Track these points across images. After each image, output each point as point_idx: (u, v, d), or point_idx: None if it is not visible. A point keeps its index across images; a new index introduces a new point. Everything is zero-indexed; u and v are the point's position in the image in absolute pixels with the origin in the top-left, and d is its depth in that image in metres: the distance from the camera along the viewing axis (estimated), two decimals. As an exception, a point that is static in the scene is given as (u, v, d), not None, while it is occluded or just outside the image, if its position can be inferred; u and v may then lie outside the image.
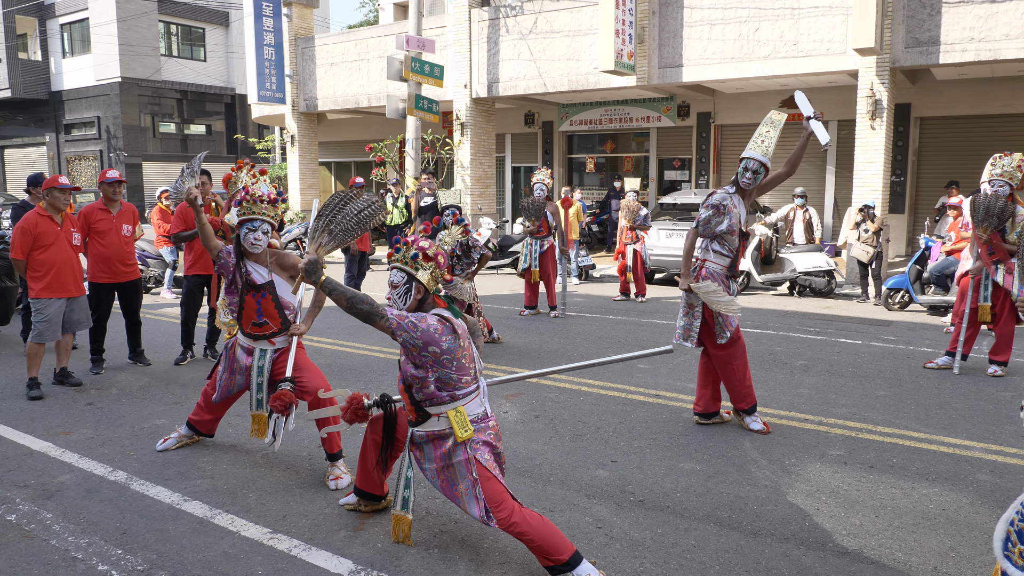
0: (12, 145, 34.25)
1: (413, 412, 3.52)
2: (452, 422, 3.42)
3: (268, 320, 4.63)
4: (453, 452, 3.44)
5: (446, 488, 3.48)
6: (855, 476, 4.57)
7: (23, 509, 4.18)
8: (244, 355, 4.74)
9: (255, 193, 4.54)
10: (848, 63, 12.74)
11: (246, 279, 4.61)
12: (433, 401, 3.43)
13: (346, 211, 3.74)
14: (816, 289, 11.81)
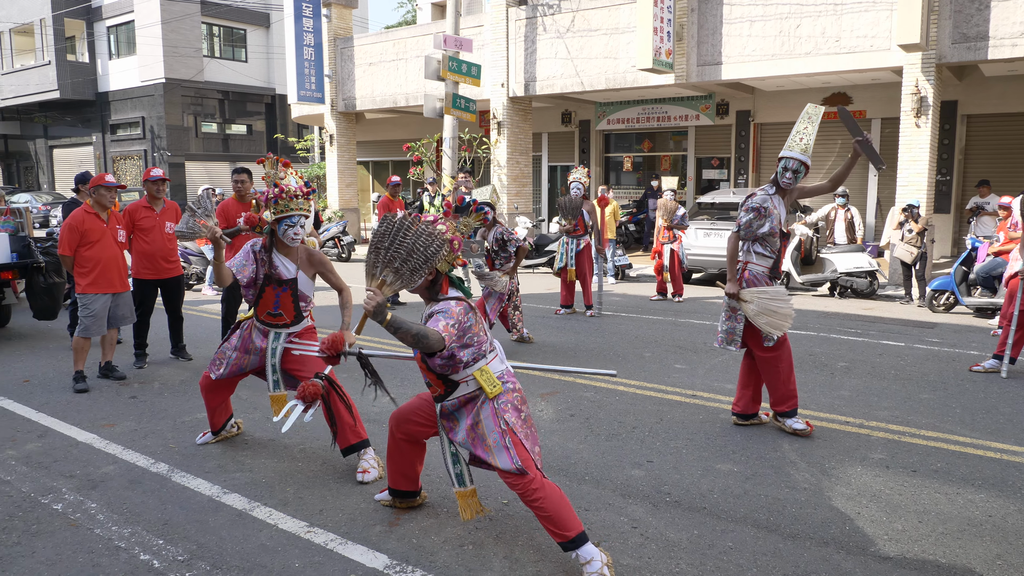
0: (60, 145, 35.10)
1: (440, 386, 3.57)
2: (480, 381, 3.50)
3: (283, 312, 4.72)
4: (482, 408, 3.52)
5: (477, 446, 3.50)
6: (897, 480, 4.47)
7: (69, 498, 4.28)
8: (260, 337, 4.81)
9: (288, 190, 4.60)
10: (892, 59, 12.48)
11: (270, 272, 4.68)
12: (455, 369, 3.50)
13: (407, 245, 3.32)
14: (858, 290, 11.60)
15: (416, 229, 3.34)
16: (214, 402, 5.01)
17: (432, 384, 3.61)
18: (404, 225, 3.34)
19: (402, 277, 3.33)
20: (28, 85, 32.56)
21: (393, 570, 3.48)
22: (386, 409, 5.85)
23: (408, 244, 3.32)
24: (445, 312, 3.40)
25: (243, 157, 31.96)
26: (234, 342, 4.84)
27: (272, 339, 4.79)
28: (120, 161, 32.38)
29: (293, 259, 4.74)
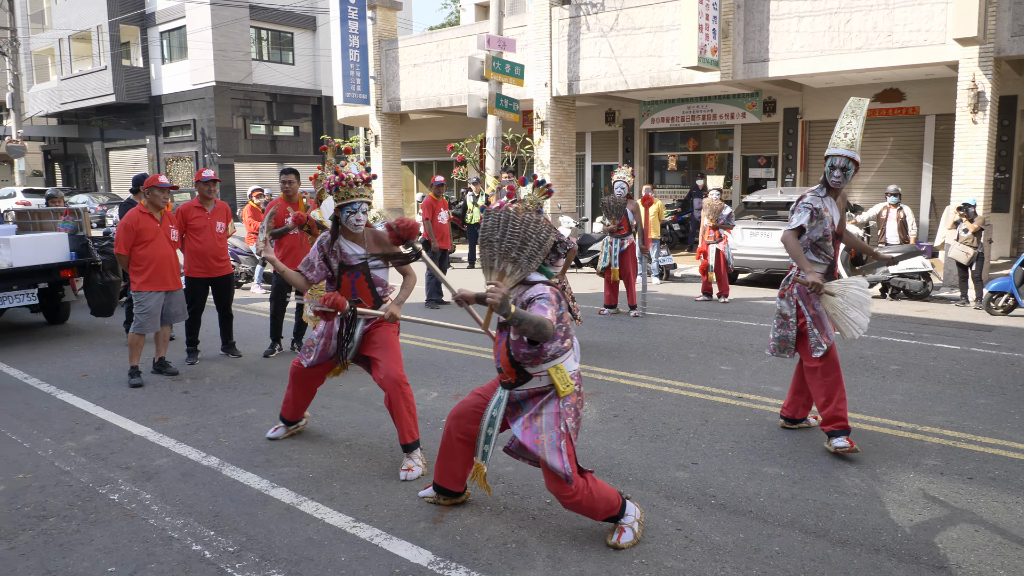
0: (116, 147, 36.10)
1: (513, 374, 3.64)
2: (554, 379, 3.56)
3: (361, 299, 4.78)
4: (547, 404, 3.59)
5: (527, 434, 3.54)
6: (953, 487, 4.36)
7: (125, 489, 4.40)
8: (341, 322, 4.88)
9: (348, 177, 4.67)
10: (948, 54, 12.16)
11: (342, 261, 4.76)
12: (535, 361, 3.55)
13: (519, 234, 3.40)
14: (911, 291, 11.33)
15: (522, 218, 3.43)
16: (299, 394, 5.09)
17: (504, 371, 3.67)
18: (509, 216, 3.42)
19: (520, 266, 3.42)
20: (86, 89, 33.55)
21: (437, 566, 3.51)
22: (431, 408, 5.91)
23: (520, 233, 3.40)
24: (545, 298, 3.45)
25: (290, 158, 32.50)
26: (320, 329, 4.94)
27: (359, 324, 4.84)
28: (172, 162, 33.17)
29: (360, 244, 4.82)
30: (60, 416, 5.81)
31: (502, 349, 3.64)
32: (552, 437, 3.51)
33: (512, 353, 3.58)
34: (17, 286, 8.20)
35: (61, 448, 5.10)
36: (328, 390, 6.43)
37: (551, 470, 3.48)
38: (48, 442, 5.22)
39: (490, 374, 6.91)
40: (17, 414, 5.88)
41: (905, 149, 16.29)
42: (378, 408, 5.87)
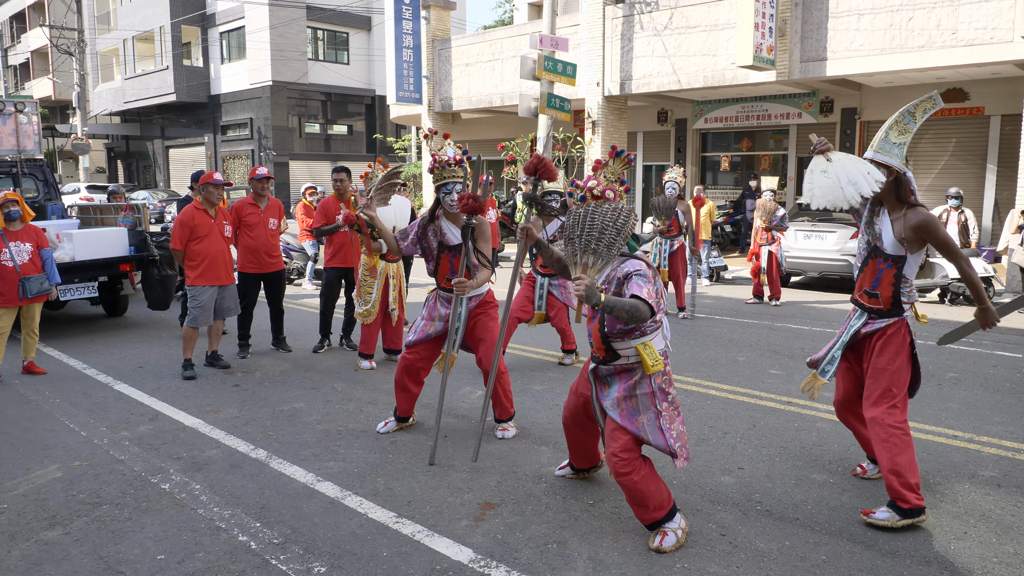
0: (176, 145, 37.09)
1: (602, 351, 3.73)
2: (642, 355, 3.62)
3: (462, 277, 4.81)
4: (638, 384, 3.67)
5: (625, 418, 3.65)
6: (1010, 500, 4.21)
7: (175, 479, 4.51)
8: (443, 305, 5.02)
9: (442, 159, 4.80)
10: (1016, 52, 11.73)
11: (441, 240, 4.89)
12: (624, 337, 3.64)
13: (596, 226, 3.52)
14: (970, 297, 10.96)
15: (601, 211, 3.55)
16: (407, 382, 5.15)
17: (595, 346, 3.78)
18: (588, 212, 3.57)
19: (601, 256, 3.52)
20: (148, 89, 34.55)
21: (477, 564, 3.52)
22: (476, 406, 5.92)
23: (597, 225, 3.52)
24: (642, 275, 3.53)
25: (344, 157, 32.95)
26: (423, 312, 5.11)
27: (455, 304, 4.88)
28: (229, 160, 33.93)
29: (458, 224, 4.92)
30: (116, 406, 5.99)
31: (594, 326, 3.74)
32: (650, 418, 3.63)
33: (607, 329, 3.66)
34: (78, 279, 8.48)
35: (116, 437, 5.25)
36: (375, 386, 6.51)
37: (657, 447, 3.62)
38: (104, 431, 5.39)
39: (537, 372, 6.91)
40: (76, 403, 6.08)
41: (968, 151, 15.77)
42: (423, 405, 5.92)
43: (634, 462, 3.62)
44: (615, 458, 3.62)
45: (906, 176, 3.93)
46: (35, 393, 6.38)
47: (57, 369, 7.21)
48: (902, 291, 4.01)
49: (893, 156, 3.91)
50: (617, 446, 3.64)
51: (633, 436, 3.64)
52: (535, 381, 6.67)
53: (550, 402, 6.03)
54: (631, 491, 3.63)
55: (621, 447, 3.62)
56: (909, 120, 3.97)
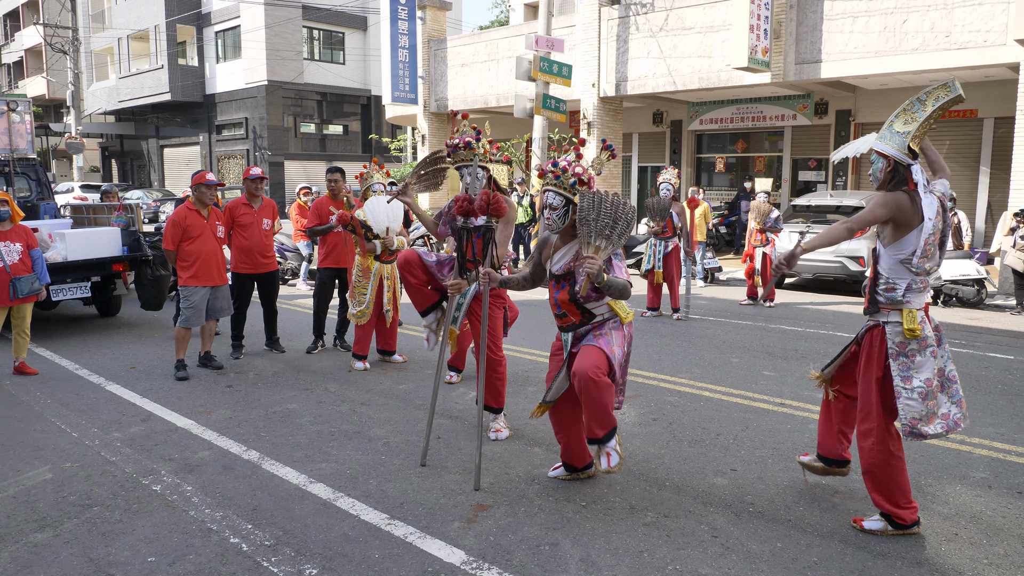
0: (170, 144, 36.99)
1: (578, 316, 4.06)
2: (615, 308, 4.02)
3: (479, 260, 4.89)
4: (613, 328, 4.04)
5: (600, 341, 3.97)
6: (1001, 501, 4.22)
7: (167, 480, 4.50)
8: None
9: (456, 144, 4.85)
10: (1008, 55, 11.78)
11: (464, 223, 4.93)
12: (600, 298, 4.00)
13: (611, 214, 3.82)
14: (964, 299, 11.00)
15: (612, 199, 3.85)
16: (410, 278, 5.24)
17: (568, 314, 4.07)
18: (602, 199, 3.84)
19: (613, 243, 3.85)
20: (143, 88, 34.45)
21: (469, 566, 3.51)
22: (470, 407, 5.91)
23: (612, 213, 3.82)
24: (619, 255, 3.95)
25: (339, 157, 32.91)
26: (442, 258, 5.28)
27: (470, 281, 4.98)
28: (224, 160, 33.86)
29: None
30: (108, 407, 5.97)
31: (563, 295, 4.04)
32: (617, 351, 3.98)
33: (581, 298, 3.97)
34: (71, 279, 8.45)
35: (108, 438, 5.23)
36: (369, 387, 6.50)
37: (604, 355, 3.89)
38: (95, 432, 5.37)
39: (531, 373, 6.91)
40: (67, 404, 6.06)
41: (962, 153, 15.82)
42: (417, 406, 5.91)
43: (606, 374, 3.87)
44: (590, 368, 3.81)
45: (906, 166, 3.68)
46: (26, 394, 6.36)
47: (49, 370, 7.18)
48: (877, 289, 3.76)
49: (892, 145, 3.70)
50: (591, 358, 3.86)
51: (606, 356, 3.90)
52: (528, 382, 6.67)
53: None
54: (596, 401, 3.84)
55: (595, 359, 3.86)
56: (918, 108, 3.69)
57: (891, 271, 3.70)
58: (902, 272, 3.69)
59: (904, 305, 3.70)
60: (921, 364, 3.66)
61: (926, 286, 3.74)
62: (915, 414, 3.65)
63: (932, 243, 3.60)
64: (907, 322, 3.67)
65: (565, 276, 4.06)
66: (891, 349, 3.70)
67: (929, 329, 3.71)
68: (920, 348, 3.66)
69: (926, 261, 3.62)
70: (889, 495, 3.75)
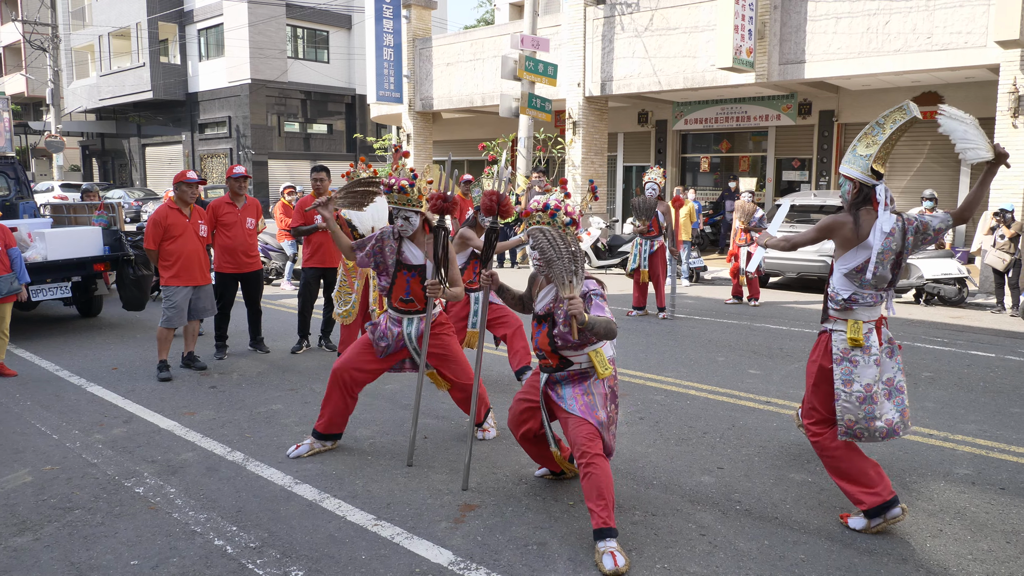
0: (152, 143, 36.68)
1: (555, 360, 3.90)
2: (593, 361, 3.82)
3: (414, 299, 4.76)
4: (593, 385, 3.85)
5: (586, 412, 3.79)
6: (985, 498, 4.25)
7: (150, 483, 4.44)
8: (394, 325, 4.83)
9: (391, 184, 4.69)
10: (989, 57, 11.89)
11: (399, 258, 4.77)
12: (577, 348, 3.82)
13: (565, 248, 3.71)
14: (945, 297, 11.10)
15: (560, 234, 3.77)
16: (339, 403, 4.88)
17: (546, 356, 3.93)
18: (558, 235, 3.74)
19: (580, 277, 3.73)
20: (124, 86, 34.14)
21: (457, 566, 3.49)
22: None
23: (568, 247, 3.72)
24: (598, 293, 3.79)
25: (324, 156, 32.76)
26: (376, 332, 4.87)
27: (406, 325, 4.81)
28: (207, 159, 33.62)
29: (420, 246, 4.81)
30: (89, 408, 5.90)
31: (542, 338, 3.90)
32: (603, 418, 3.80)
33: (558, 343, 3.82)
34: (51, 279, 8.34)
35: (89, 440, 5.17)
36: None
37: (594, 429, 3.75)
38: (76, 434, 5.30)
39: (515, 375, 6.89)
40: (47, 406, 5.98)
41: (943, 153, 15.95)
42: (403, 406, 5.88)
43: (601, 451, 3.72)
44: (585, 442, 3.70)
45: (870, 186, 3.88)
46: (5, 395, 6.26)
47: (28, 371, 7.09)
48: (828, 299, 3.96)
49: (857, 168, 3.90)
50: (583, 433, 3.74)
51: (595, 427, 3.76)
52: (515, 382, 6.65)
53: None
54: (596, 479, 3.60)
55: (587, 435, 3.73)
56: (878, 131, 3.90)
57: (838, 283, 3.92)
58: (847, 284, 3.89)
59: (850, 316, 3.87)
60: (862, 371, 3.82)
61: (876, 301, 3.88)
62: (851, 416, 3.82)
63: (882, 261, 3.76)
64: (851, 332, 3.85)
65: (545, 317, 3.91)
66: (836, 355, 3.88)
67: (875, 339, 3.86)
68: (864, 355, 3.83)
69: (872, 277, 3.78)
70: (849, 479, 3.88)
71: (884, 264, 3.77)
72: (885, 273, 3.80)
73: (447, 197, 4.53)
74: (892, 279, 3.89)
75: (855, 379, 3.82)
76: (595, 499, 3.59)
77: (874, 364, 3.84)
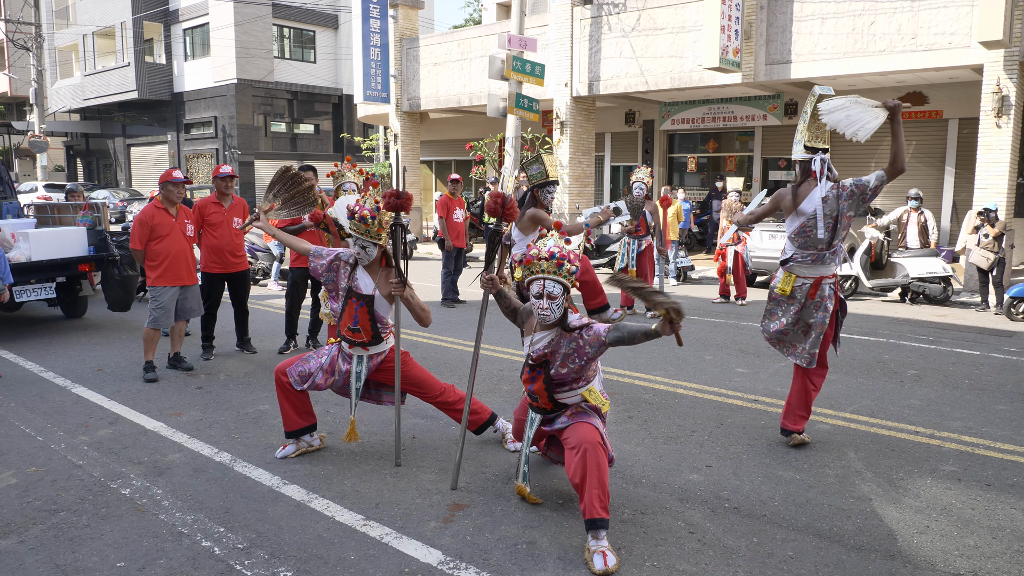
0: (137, 143, 36.39)
1: (550, 405, 3.92)
2: (588, 398, 3.87)
3: (360, 328, 4.65)
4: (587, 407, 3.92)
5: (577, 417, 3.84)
6: (970, 494, 4.28)
7: (136, 484, 4.41)
8: (344, 361, 4.78)
9: (355, 212, 4.60)
10: (973, 57, 11.99)
11: (350, 286, 4.69)
12: (571, 389, 3.88)
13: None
14: (930, 296, 11.18)
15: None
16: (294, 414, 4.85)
17: (540, 401, 3.94)
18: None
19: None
20: (109, 86, 33.85)
21: (447, 566, 3.48)
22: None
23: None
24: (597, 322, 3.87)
25: (310, 156, 32.60)
26: (319, 360, 4.78)
27: (356, 363, 4.75)
28: (193, 159, 33.40)
29: (373, 276, 4.72)
30: (74, 410, 5.85)
31: (538, 385, 3.89)
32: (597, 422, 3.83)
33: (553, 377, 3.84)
34: (35, 280, 8.27)
35: (74, 442, 5.12)
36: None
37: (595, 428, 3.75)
38: (61, 436, 5.25)
39: (505, 372, 6.89)
40: (32, 407, 5.92)
41: (928, 153, 16.09)
42: (391, 406, 5.85)
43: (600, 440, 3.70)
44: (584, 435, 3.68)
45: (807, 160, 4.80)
46: (-10, 397, 6.21)
47: (13, 372, 7.02)
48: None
49: (798, 151, 4.84)
50: (580, 431, 3.73)
51: (591, 425, 3.77)
52: (503, 381, 6.65)
53: (519, 402, 6.01)
54: (601, 469, 3.57)
55: (584, 431, 3.72)
56: (802, 116, 4.79)
57: (786, 244, 4.93)
58: (790, 246, 4.91)
59: (789, 270, 4.90)
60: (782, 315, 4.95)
61: (816, 259, 4.80)
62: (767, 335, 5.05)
63: (812, 225, 4.74)
64: (783, 283, 4.91)
65: (541, 365, 3.85)
66: (768, 293, 5.04)
67: (806, 293, 4.83)
68: (787, 303, 4.92)
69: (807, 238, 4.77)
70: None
71: (814, 225, 4.70)
72: (821, 235, 4.68)
73: (400, 194, 4.47)
74: (831, 241, 4.73)
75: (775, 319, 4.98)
76: (595, 486, 3.54)
77: (792, 313, 4.88)
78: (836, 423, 5.51)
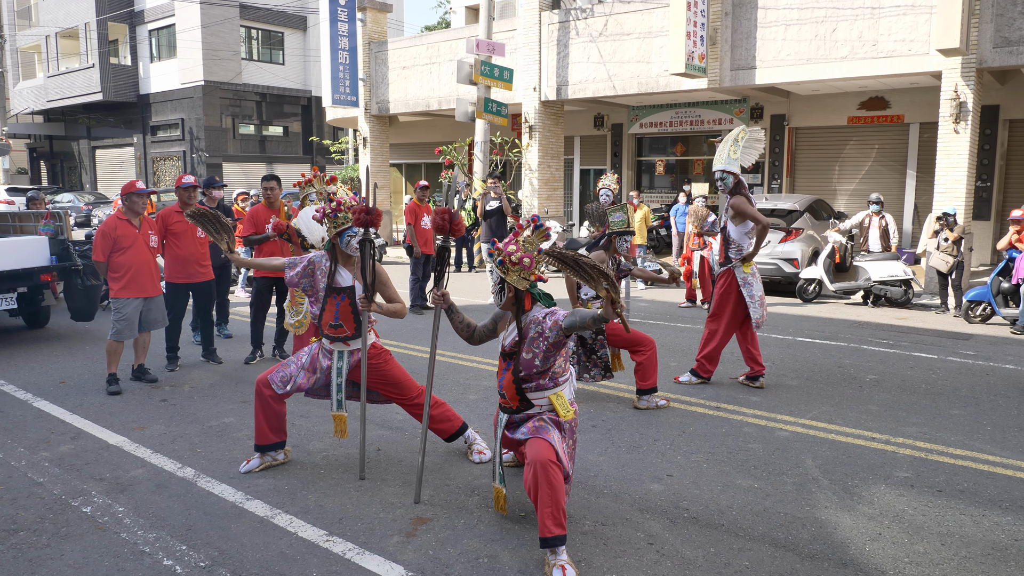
0: (103, 146, 35.86)
1: (516, 401, 3.93)
2: (555, 405, 3.89)
3: (343, 323, 4.70)
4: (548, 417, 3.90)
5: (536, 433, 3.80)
6: (922, 500, 4.40)
7: (98, 501, 4.38)
8: (325, 357, 4.82)
9: (346, 203, 4.64)
10: (931, 64, 12.26)
11: (330, 282, 4.73)
12: (538, 388, 3.89)
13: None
14: (892, 299, 11.41)
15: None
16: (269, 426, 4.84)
17: (507, 397, 3.95)
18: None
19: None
20: (73, 87, 33.33)
21: (408, 582, 3.52)
22: (409, 417, 5.89)
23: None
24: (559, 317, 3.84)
25: (279, 158, 32.39)
26: (303, 361, 4.78)
27: (337, 359, 4.78)
28: (160, 162, 33.00)
29: (351, 269, 4.79)
30: (35, 425, 5.79)
31: (507, 378, 3.92)
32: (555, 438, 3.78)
33: (522, 373, 3.86)
34: (-3, 290, 8.15)
35: (35, 458, 5.07)
36: (307, 399, 6.41)
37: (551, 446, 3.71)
38: (22, 452, 5.19)
39: (472, 381, 6.92)
40: (-7, 422, 5.85)
41: (890, 157, 16.40)
42: (356, 418, 5.85)
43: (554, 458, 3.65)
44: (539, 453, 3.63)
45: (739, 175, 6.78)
46: (-52, 412, 6.11)
47: (-27, 385, 6.92)
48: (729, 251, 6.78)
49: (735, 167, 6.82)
50: (536, 447, 3.68)
51: (547, 442, 3.72)
52: (469, 391, 6.69)
53: (484, 411, 6.06)
54: (553, 487, 3.55)
55: (540, 447, 3.68)
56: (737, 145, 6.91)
57: (740, 239, 6.67)
58: (744, 240, 6.68)
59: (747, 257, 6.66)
60: (754, 285, 6.62)
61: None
62: (757, 315, 6.58)
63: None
64: (747, 268, 6.65)
65: (511, 355, 3.93)
66: (740, 282, 6.64)
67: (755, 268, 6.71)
68: (754, 279, 6.64)
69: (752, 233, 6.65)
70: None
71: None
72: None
73: (370, 209, 4.50)
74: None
75: (755, 292, 6.59)
76: (548, 504, 3.53)
77: (758, 281, 6.67)
78: (796, 430, 5.62)
